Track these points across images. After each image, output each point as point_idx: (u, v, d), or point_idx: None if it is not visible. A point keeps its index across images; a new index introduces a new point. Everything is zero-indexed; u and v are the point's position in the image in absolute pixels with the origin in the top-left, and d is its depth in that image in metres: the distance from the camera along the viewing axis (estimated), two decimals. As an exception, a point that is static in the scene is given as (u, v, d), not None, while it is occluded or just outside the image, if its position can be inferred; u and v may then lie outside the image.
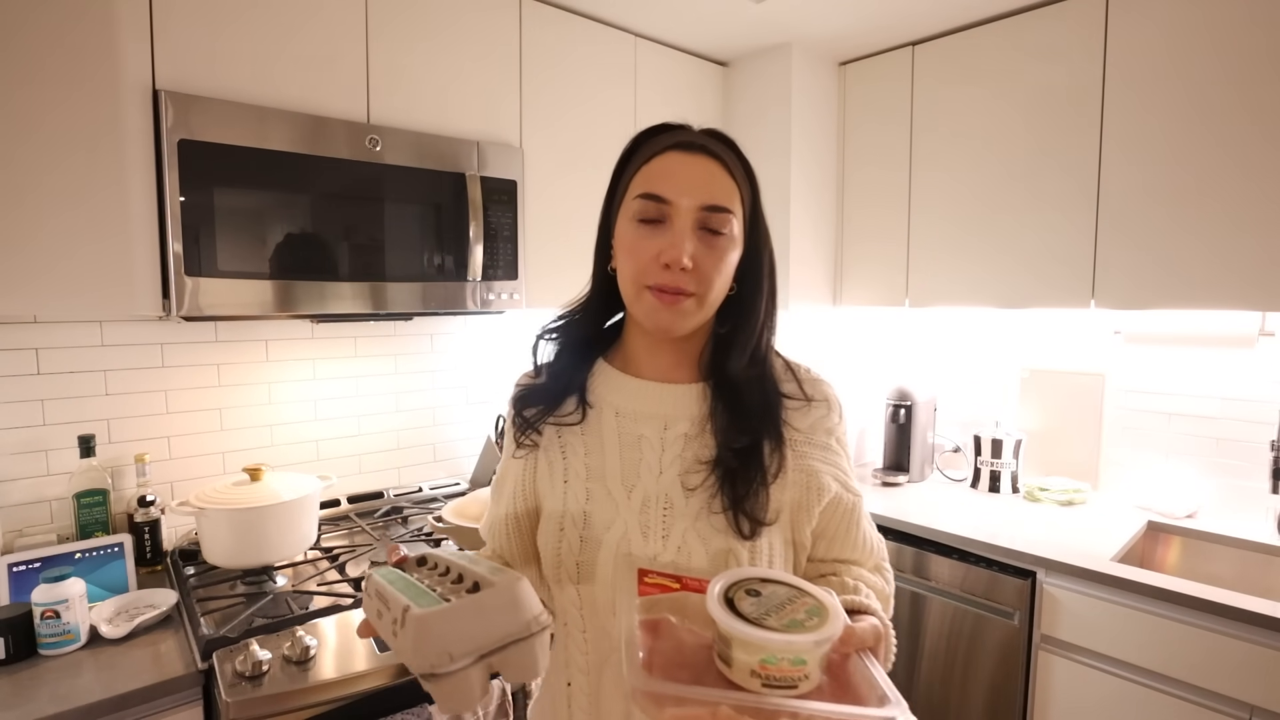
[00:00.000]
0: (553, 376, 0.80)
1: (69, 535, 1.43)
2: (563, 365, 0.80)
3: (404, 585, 0.60)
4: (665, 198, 0.69)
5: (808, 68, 2.17)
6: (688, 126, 0.75)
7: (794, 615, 0.53)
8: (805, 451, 0.75)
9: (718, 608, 0.53)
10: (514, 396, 0.82)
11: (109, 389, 1.50)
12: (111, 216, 1.21)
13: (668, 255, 0.68)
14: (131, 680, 1.09)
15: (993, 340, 2.29)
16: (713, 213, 0.70)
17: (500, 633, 0.55)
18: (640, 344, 0.78)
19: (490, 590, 0.56)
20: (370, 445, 1.90)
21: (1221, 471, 1.86)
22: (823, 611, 0.54)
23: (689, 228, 0.69)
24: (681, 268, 0.68)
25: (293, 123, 1.36)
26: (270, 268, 1.33)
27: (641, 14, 1.91)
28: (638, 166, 0.73)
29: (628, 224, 0.72)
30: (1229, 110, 1.54)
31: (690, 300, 0.70)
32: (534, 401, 0.80)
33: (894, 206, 2.16)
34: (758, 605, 0.54)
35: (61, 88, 1.15)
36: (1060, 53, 1.79)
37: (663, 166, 0.71)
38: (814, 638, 0.51)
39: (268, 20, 1.37)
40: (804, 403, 0.77)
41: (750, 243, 0.75)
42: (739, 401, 0.74)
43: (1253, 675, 1.34)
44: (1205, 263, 1.59)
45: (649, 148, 0.73)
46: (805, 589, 0.58)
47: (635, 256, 0.70)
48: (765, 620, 0.52)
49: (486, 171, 1.62)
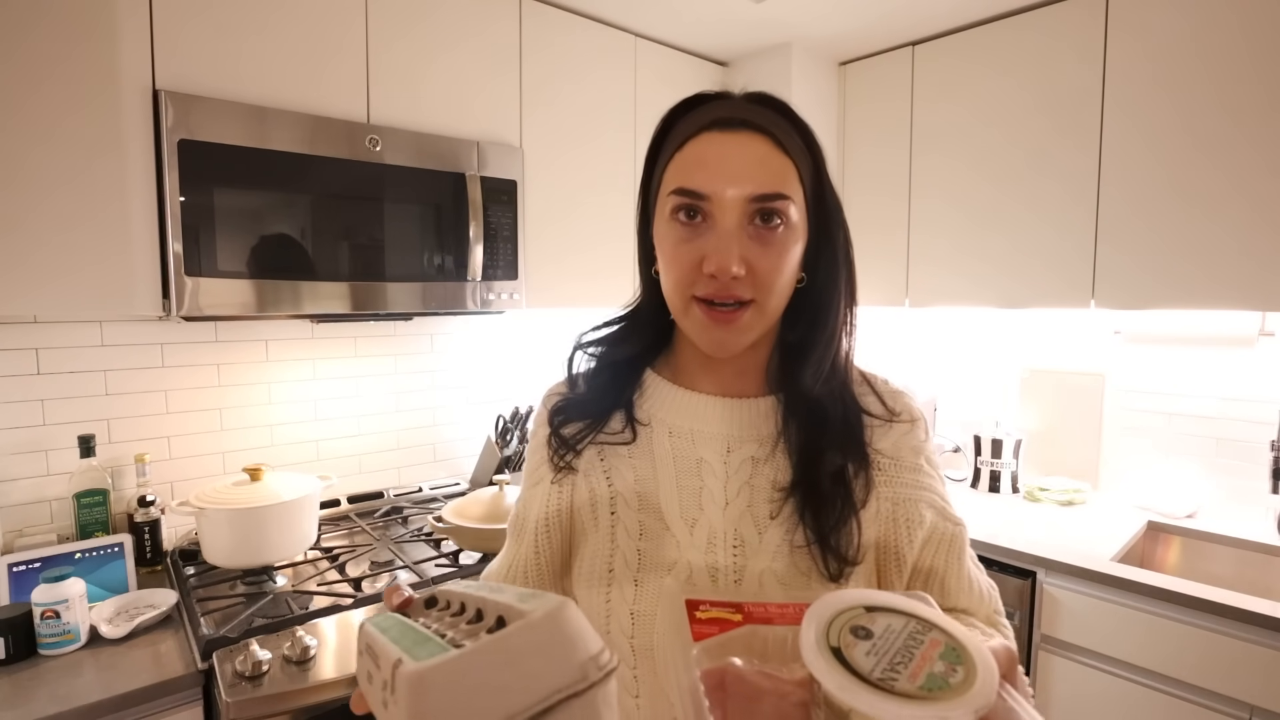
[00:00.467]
0: (595, 390, 0.69)
1: (69, 535, 1.43)
2: (607, 378, 0.70)
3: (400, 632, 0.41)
4: (703, 192, 0.58)
5: (808, 68, 2.17)
6: (729, 94, 0.63)
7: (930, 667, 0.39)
8: (893, 476, 0.64)
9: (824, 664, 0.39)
10: (552, 410, 0.70)
11: (109, 389, 1.50)
12: (111, 216, 1.21)
13: (713, 264, 0.57)
14: (131, 680, 1.09)
15: (993, 340, 2.29)
16: (765, 202, 0.58)
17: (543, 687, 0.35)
18: (694, 353, 0.66)
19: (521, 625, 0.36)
20: (370, 445, 1.90)
21: (1221, 471, 1.86)
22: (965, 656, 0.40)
23: (736, 224, 0.58)
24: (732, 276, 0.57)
25: (293, 123, 1.36)
26: (270, 268, 1.33)
27: (641, 14, 1.91)
28: (671, 152, 0.61)
29: (665, 224, 0.61)
30: (1229, 110, 1.54)
31: (748, 311, 0.59)
32: (575, 416, 0.68)
33: (894, 206, 2.16)
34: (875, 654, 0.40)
35: (61, 87, 1.15)
36: (1060, 53, 1.79)
37: (698, 152, 0.59)
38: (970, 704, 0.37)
39: (268, 20, 1.37)
40: (886, 420, 0.65)
41: (817, 225, 0.63)
42: (817, 418, 0.62)
43: (1253, 675, 1.34)
44: (1205, 263, 1.59)
45: (683, 127, 0.61)
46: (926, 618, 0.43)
47: (676, 264, 0.60)
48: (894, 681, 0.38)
49: (486, 171, 1.62)
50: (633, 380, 0.69)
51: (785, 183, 0.59)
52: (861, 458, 0.63)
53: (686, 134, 0.60)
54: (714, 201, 0.58)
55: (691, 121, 0.61)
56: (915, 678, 0.38)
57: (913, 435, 0.66)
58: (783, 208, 0.58)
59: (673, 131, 0.63)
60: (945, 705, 0.36)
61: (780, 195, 0.58)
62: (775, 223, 0.58)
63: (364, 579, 1.43)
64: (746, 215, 0.58)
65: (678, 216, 0.60)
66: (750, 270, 0.58)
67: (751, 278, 0.58)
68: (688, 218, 0.59)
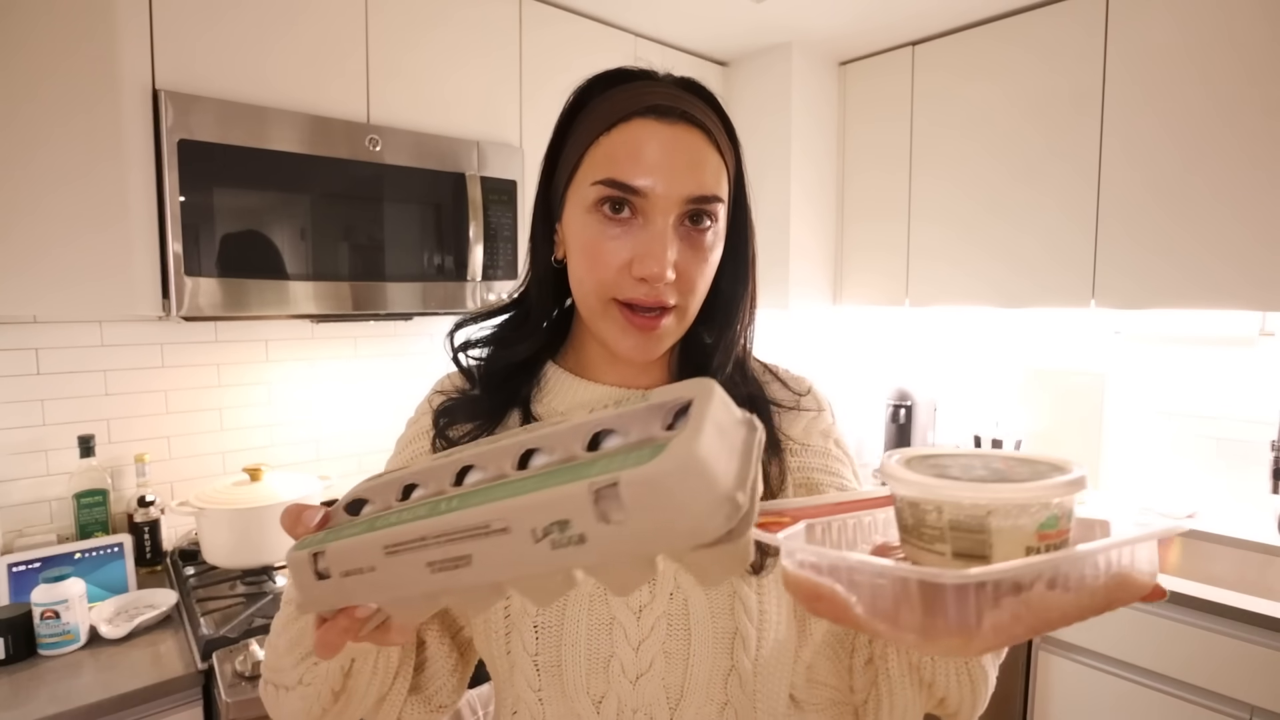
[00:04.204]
0: (489, 386, 0.64)
1: (69, 535, 1.43)
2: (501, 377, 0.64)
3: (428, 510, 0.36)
4: (638, 187, 0.53)
5: (808, 67, 2.17)
6: (655, 75, 0.58)
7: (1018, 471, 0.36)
8: (805, 461, 0.63)
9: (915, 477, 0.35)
10: (438, 410, 0.63)
11: (109, 389, 1.50)
12: (111, 216, 1.21)
13: (646, 268, 0.53)
14: (131, 680, 1.09)
15: (993, 340, 2.29)
16: (700, 204, 0.54)
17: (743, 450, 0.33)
18: (594, 348, 0.64)
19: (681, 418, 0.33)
20: (370, 445, 1.90)
21: (1221, 471, 1.86)
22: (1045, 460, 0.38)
23: (670, 225, 0.54)
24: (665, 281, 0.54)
25: (293, 123, 1.36)
26: (270, 268, 1.33)
27: (641, 14, 1.91)
28: (596, 133, 0.55)
29: (584, 215, 0.55)
30: (1229, 110, 1.54)
31: (670, 316, 0.56)
32: (464, 418, 0.62)
33: (894, 205, 2.16)
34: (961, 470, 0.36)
35: (61, 88, 1.15)
36: (1060, 52, 1.79)
37: (632, 140, 0.53)
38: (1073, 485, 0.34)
39: (267, 20, 1.36)
40: (794, 405, 0.65)
41: (734, 229, 0.60)
42: None
43: (1253, 675, 1.34)
44: (1205, 262, 1.59)
45: (609, 107, 0.55)
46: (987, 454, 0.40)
47: (599, 263, 0.54)
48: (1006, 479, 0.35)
49: (486, 171, 1.62)
50: (530, 375, 0.64)
51: (719, 184, 0.56)
52: (774, 444, 0.62)
53: (615, 116, 0.54)
54: (650, 199, 0.53)
55: (619, 102, 0.55)
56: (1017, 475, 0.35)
57: (821, 420, 0.66)
58: (715, 210, 0.56)
59: (593, 109, 0.56)
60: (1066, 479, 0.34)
61: (716, 198, 0.55)
62: (705, 225, 0.56)
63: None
64: (679, 216, 0.54)
65: (602, 209, 0.54)
66: (678, 274, 0.54)
67: (678, 282, 0.55)
68: (614, 211, 0.54)
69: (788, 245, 2.15)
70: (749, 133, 2.22)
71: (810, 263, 2.24)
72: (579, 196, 0.56)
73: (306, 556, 0.38)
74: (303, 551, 0.39)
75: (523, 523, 0.31)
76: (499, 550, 0.32)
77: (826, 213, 2.29)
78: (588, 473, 0.30)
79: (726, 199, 0.57)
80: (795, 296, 2.19)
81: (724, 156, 0.56)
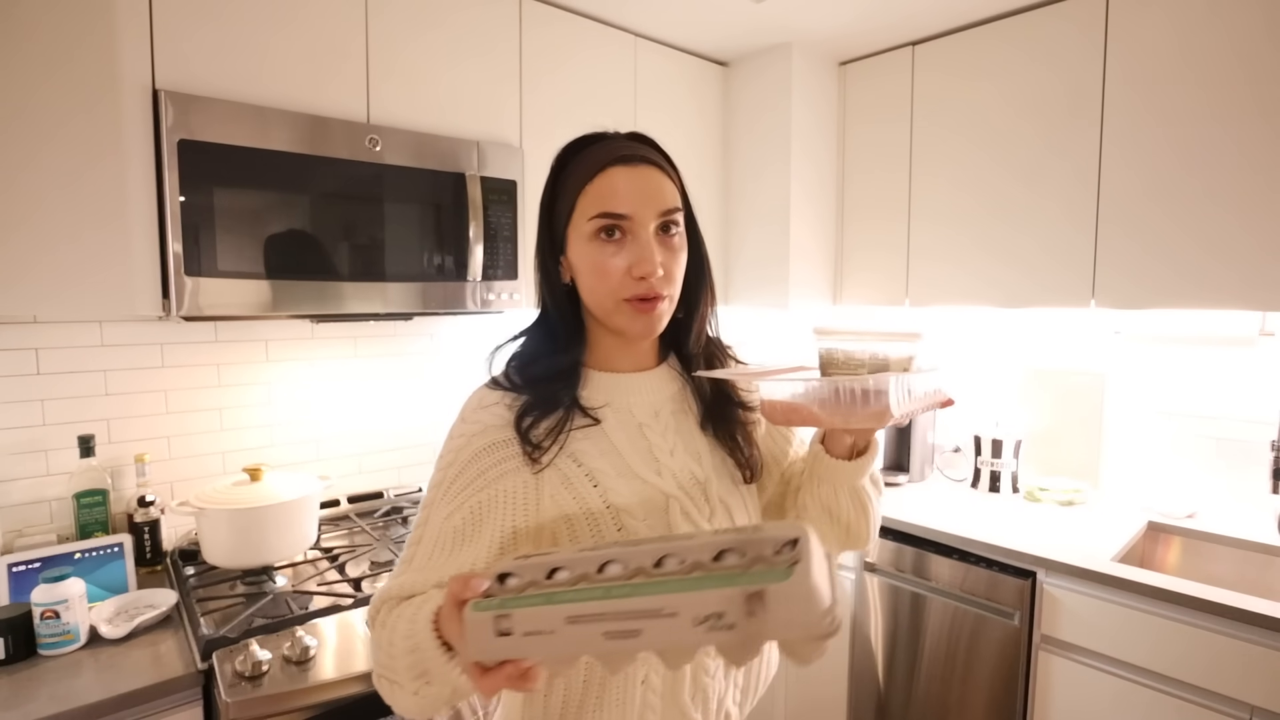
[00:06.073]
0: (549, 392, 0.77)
1: (69, 535, 1.43)
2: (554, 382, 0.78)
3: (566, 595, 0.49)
4: (624, 214, 0.72)
5: (808, 68, 2.17)
6: (612, 135, 0.78)
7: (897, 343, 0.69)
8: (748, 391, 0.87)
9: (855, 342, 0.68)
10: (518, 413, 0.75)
11: (109, 389, 1.50)
12: (111, 216, 1.21)
13: (642, 269, 0.72)
14: (131, 680, 1.09)
15: (993, 340, 2.28)
16: (668, 215, 0.75)
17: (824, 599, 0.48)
18: (611, 342, 0.81)
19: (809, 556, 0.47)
20: (370, 445, 1.90)
21: (1221, 471, 1.86)
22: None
23: (651, 236, 0.73)
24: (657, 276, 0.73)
25: (293, 123, 1.36)
26: (270, 268, 1.33)
27: (641, 14, 1.91)
28: (580, 186, 0.74)
29: (587, 244, 0.74)
30: (1229, 110, 1.54)
31: (664, 302, 0.76)
32: (541, 415, 0.75)
33: (894, 205, 2.16)
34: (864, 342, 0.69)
35: (61, 88, 1.15)
36: (1060, 53, 1.79)
37: (610, 184, 0.73)
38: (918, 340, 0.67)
39: (267, 20, 1.36)
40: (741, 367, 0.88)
41: (690, 235, 0.80)
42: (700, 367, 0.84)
43: (1253, 675, 1.34)
44: (1205, 262, 1.59)
45: (584, 164, 0.75)
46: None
47: (607, 275, 0.73)
48: None
49: (486, 171, 1.62)
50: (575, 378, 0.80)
51: (676, 200, 0.76)
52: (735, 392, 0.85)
53: (595, 169, 0.73)
54: (634, 220, 0.72)
55: (592, 159, 0.74)
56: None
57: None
58: (677, 218, 0.76)
59: (574, 168, 0.75)
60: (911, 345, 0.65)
61: (677, 209, 0.76)
62: (674, 231, 0.76)
63: (364, 579, 1.43)
64: (655, 228, 0.73)
65: (599, 236, 0.73)
66: (664, 271, 0.74)
67: (665, 277, 0.74)
68: (608, 236, 0.73)
69: (788, 245, 2.15)
70: (749, 133, 2.22)
71: (810, 263, 2.24)
72: (579, 232, 0.74)
73: (490, 618, 0.49)
74: (485, 614, 0.50)
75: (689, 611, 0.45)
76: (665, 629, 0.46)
77: (826, 212, 2.29)
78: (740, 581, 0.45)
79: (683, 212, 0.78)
80: (795, 296, 2.19)
81: (675, 181, 0.77)
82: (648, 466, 0.77)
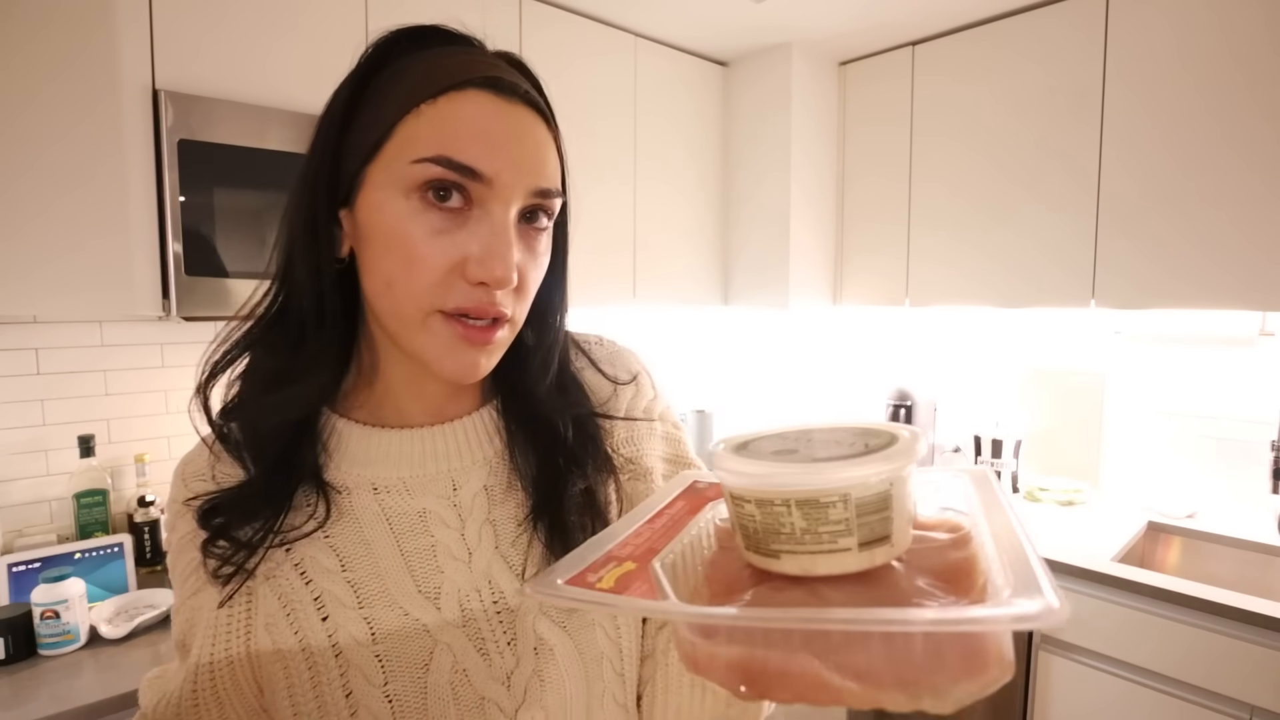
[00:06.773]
0: (259, 460, 0.49)
1: (69, 535, 1.43)
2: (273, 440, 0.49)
3: None
4: (481, 171, 0.43)
5: (808, 68, 2.17)
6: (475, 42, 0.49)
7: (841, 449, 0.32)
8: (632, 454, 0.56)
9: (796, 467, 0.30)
10: (201, 512, 0.49)
11: (109, 389, 1.50)
12: (111, 216, 1.20)
13: (489, 270, 0.43)
14: (131, 680, 1.08)
15: (993, 340, 2.28)
16: (543, 198, 0.47)
17: None
18: (400, 372, 0.51)
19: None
20: (370, 445, 1.90)
21: (1221, 471, 1.86)
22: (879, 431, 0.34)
23: (512, 223, 0.45)
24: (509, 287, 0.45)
25: (292, 122, 1.36)
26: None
27: (642, 14, 1.91)
28: (416, 99, 0.44)
29: (397, 201, 0.44)
30: (1229, 110, 1.54)
31: (505, 328, 0.47)
32: (237, 512, 0.48)
33: (894, 205, 2.16)
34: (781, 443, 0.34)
35: (61, 88, 1.15)
36: (1060, 53, 1.79)
37: (471, 115, 0.44)
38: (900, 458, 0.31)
39: (267, 20, 1.36)
40: (611, 392, 0.58)
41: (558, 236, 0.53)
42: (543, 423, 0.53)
43: (1253, 675, 1.33)
44: (1205, 262, 1.59)
45: (431, 69, 0.45)
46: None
47: (420, 264, 0.44)
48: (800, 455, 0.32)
49: (486, 171, 1.62)
50: (308, 430, 0.50)
51: (557, 178, 0.48)
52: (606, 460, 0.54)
53: (445, 83, 0.44)
54: (492, 185, 0.44)
55: (448, 68, 0.45)
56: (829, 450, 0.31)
57: (639, 396, 0.59)
58: (553, 208, 0.48)
59: (405, 70, 0.46)
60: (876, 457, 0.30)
61: (557, 192, 0.48)
62: (542, 223, 0.48)
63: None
64: (518, 211, 0.46)
65: (423, 194, 0.43)
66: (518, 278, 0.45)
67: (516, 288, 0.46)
68: (439, 199, 0.43)
69: (788, 245, 2.15)
70: (749, 132, 2.22)
71: (810, 263, 2.24)
72: (388, 177, 0.44)
73: None
74: None
75: None
76: None
77: (826, 213, 2.29)
78: None
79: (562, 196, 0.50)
80: (795, 296, 2.19)
81: (559, 149, 0.49)
82: (420, 588, 0.48)
